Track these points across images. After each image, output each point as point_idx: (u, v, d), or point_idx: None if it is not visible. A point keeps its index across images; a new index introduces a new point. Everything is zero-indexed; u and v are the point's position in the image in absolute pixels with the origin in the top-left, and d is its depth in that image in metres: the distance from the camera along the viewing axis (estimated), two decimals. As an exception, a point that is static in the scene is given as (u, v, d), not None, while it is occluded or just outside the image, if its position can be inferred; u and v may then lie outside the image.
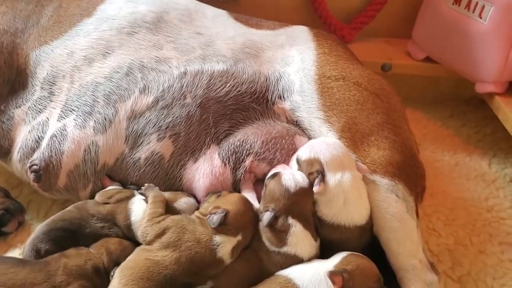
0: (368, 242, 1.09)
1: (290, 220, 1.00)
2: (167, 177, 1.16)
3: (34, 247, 1.06)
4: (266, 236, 1.02)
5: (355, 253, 0.99)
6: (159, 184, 1.14)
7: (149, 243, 1.00)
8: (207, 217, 1.00)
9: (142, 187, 1.12)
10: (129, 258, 0.98)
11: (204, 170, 1.15)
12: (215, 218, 0.99)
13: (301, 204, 1.03)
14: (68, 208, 1.12)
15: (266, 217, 1.00)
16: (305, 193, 1.03)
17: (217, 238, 0.99)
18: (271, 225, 1.00)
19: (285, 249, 1.00)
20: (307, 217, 1.03)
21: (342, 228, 1.04)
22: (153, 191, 1.09)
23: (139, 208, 1.08)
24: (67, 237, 1.06)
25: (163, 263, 0.95)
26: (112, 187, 1.16)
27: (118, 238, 1.07)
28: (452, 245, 1.31)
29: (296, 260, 1.00)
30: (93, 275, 0.99)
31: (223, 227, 0.99)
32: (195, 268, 0.97)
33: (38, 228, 1.08)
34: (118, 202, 1.11)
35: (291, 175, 1.04)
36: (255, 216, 1.05)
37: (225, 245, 0.99)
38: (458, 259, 1.27)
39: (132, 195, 1.13)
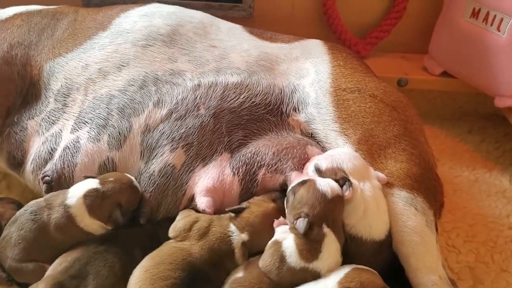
0: (387, 259, 1.05)
1: (325, 229, 0.93)
2: (176, 185, 1.13)
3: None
4: (298, 248, 0.93)
5: (359, 266, 0.94)
6: (167, 193, 1.12)
7: (175, 237, 1.01)
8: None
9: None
10: (158, 248, 1.00)
11: (211, 173, 1.13)
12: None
13: (335, 213, 0.97)
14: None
15: (301, 224, 0.92)
16: (340, 201, 0.98)
17: (232, 227, 1.02)
18: (306, 234, 0.92)
19: (313, 264, 0.92)
20: (339, 228, 0.97)
21: (359, 240, 1.01)
22: None
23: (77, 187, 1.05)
24: None
25: (189, 250, 0.98)
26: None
27: None
28: (472, 263, 1.27)
29: (317, 278, 0.93)
30: None
31: (237, 218, 1.03)
32: (215, 256, 0.98)
33: None
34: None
35: (326, 181, 0.99)
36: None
37: (235, 236, 1.01)
38: (480, 277, 1.23)
39: None
